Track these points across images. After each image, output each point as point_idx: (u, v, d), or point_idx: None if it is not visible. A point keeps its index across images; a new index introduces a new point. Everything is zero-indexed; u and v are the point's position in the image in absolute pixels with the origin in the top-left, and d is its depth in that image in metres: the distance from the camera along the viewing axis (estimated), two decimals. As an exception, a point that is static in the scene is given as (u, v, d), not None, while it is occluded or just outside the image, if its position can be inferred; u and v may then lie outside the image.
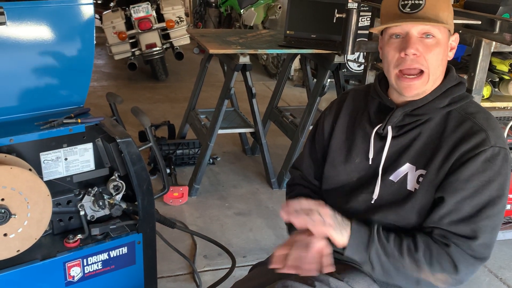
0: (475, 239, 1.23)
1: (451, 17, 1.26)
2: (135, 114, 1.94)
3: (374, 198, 1.35)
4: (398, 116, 1.31)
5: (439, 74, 1.30)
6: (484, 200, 1.23)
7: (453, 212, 1.24)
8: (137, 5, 5.17)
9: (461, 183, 1.23)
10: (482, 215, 1.23)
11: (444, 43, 1.26)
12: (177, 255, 2.46)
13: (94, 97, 4.90)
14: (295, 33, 3.39)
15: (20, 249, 1.64)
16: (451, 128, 1.27)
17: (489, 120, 1.27)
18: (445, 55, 1.28)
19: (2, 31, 1.66)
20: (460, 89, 1.31)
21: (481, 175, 1.22)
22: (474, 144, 1.23)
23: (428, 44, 1.24)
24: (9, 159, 1.64)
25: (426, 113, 1.30)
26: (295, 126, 3.55)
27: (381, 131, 1.34)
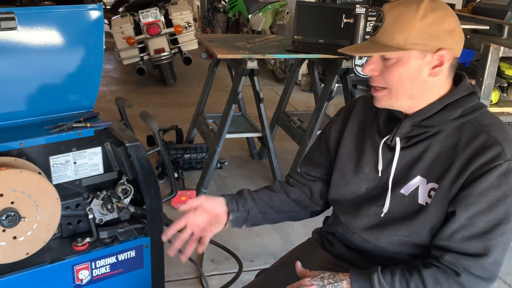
0: (487, 256, 1.20)
1: (417, 37, 1.19)
2: (143, 119, 1.96)
3: (384, 211, 1.33)
4: (406, 127, 1.28)
5: (415, 92, 1.25)
6: (498, 216, 1.20)
7: (465, 227, 1.21)
8: (146, 10, 5.21)
9: (475, 198, 1.20)
10: (496, 231, 1.20)
11: (408, 62, 1.21)
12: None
13: (103, 101, 4.93)
14: (302, 38, 3.40)
15: (29, 252, 1.65)
16: (465, 141, 1.23)
17: (504, 132, 1.23)
18: (415, 74, 1.22)
19: (13, 36, 1.67)
20: (472, 99, 1.27)
21: (496, 190, 1.19)
22: (489, 158, 1.19)
23: (387, 64, 1.24)
24: (19, 163, 1.66)
25: (436, 125, 1.26)
26: (303, 131, 3.55)
27: (389, 142, 1.32)
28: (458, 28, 1.23)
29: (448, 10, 1.22)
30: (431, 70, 1.22)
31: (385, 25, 1.22)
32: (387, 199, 1.32)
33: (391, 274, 1.24)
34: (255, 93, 3.33)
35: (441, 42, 1.20)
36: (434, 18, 1.19)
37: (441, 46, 1.20)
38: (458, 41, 1.23)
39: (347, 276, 1.27)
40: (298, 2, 3.44)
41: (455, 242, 1.22)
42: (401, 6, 1.22)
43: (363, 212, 1.37)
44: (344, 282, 1.25)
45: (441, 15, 1.19)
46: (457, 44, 1.23)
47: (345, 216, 1.44)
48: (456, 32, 1.22)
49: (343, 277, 1.27)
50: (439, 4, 1.21)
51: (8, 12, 1.64)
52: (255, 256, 2.73)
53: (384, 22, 1.22)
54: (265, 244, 2.86)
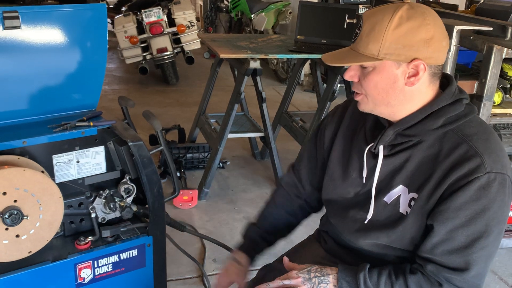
0: (468, 271, 1.20)
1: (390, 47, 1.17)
2: (146, 118, 1.96)
3: (368, 217, 1.34)
4: (389, 135, 1.27)
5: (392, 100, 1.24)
6: (478, 230, 1.18)
7: (445, 241, 1.21)
8: (149, 9, 5.21)
9: (453, 212, 1.18)
10: (477, 245, 1.19)
11: (383, 71, 1.21)
12: (187, 258, 2.47)
13: (106, 100, 4.93)
14: (305, 38, 3.40)
15: (32, 250, 1.65)
16: (446, 151, 1.22)
17: (487, 142, 1.20)
18: (390, 82, 1.21)
19: (17, 35, 1.68)
20: (456, 108, 1.24)
21: (475, 203, 1.17)
22: (468, 171, 1.17)
23: (365, 72, 1.23)
24: (22, 161, 1.66)
25: (417, 135, 1.25)
26: (305, 131, 3.55)
27: (373, 150, 1.32)
28: (437, 36, 1.19)
29: (426, 18, 1.18)
30: (407, 79, 1.20)
31: (362, 34, 1.21)
32: (371, 206, 1.33)
33: (377, 275, 1.26)
34: (257, 93, 3.33)
35: (415, 52, 1.17)
36: (409, 27, 1.16)
37: (416, 56, 1.18)
38: (437, 49, 1.20)
39: (334, 271, 1.29)
40: (301, 2, 3.44)
41: (436, 255, 1.22)
42: (378, 14, 1.20)
43: (350, 216, 1.39)
44: (330, 276, 1.28)
45: (417, 24, 1.16)
46: (436, 52, 1.20)
47: (334, 218, 1.47)
48: (434, 40, 1.18)
49: (330, 271, 1.29)
50: (417, 11, 1.18)
51: (12, 11, 1.65)
52: (257, 256, 2.73)
53: (361, 30, 1.22)
54: (267, 244, 2.86)
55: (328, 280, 1.28)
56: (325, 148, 1.50)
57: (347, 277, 1.27)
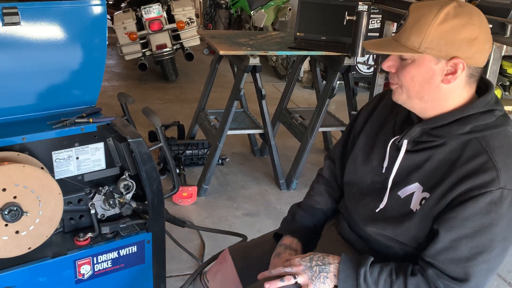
0: (467, 282, 1.20)
1: (432, 42, 1.18)
2: (146, 114, 1.96)
3: (380, 207, 1.35)
4: (416, 131, 1.28)
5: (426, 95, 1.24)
6: (483, 243, 1.18)
7: (449, 249, 1.21)
8: (148, 6, 5.20)
9: (460, 221, 1.18)
10: (479, 259, 1.19)
11: (422, 65, 1.22)
12: (186, 254, 2.48)
13: (105, 96, 4.93)
14: (305, 35, 3.40)
15: (32, 247, 1.66)
16: (465, 158, 1.21)
17: (509, 158, 1.19)
18: (427, 77, 1.22)
19: (16, 31, 1.68)
20: (486, 117, 1.22)
21: (483, 217, 1.16)
22: (482, 183, 1.16)
23: (403, 64, 1.25)
24: (21, 158, 1.67)
25: (443, 136, 1.25)
26: (304, 127, 3.55)
27: (397, 143, 1.33)
28: (481, 37, 1.18)
29: (472, 18, 1.17)
30: (444, 76, 1.21)
31: (406, 25, 1.22)
32: (385, 197, 1.34)
33: (378, 272, 1.27)
34: (257, 90, 3.33)
35: (457, 50, 1.17)
36: (454, 24, 1.16)
37: (457, 54, 1.18)
38: (479, 50, 1.19)
39: (336, 260, 1.31)
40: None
41: (438, 261, 1.23)
42: (424, 8, 1.20)
43: (363, 202, 1.41)
44: (331, 266, 1.30)
45: (464, 22, 1.16)
46: (478, 54, 1.19)
47: (349, 202, 1.49)
48: (478, 41, 1.17)
49: (332, 260, 1.31)
50: (465, 10, 1.18)
51: (12, 7, 1.64)
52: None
53: (406, 21, 1.23)
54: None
55: (328, 270, 1.30)
56: (356, 133, 1.53)
57: (348, 270, 1.29)
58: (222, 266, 1.64)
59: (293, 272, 1.32)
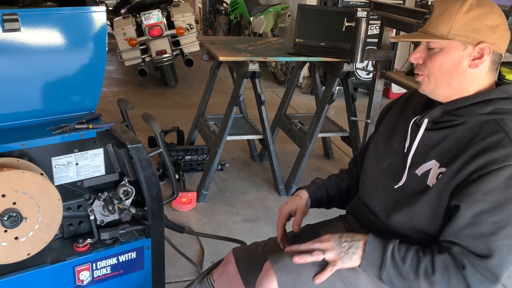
0: (490, 258, 1.22)
1: (460, 29, 1.27)
2: (145, 120, 1.97)
3: (399, 184, 1.39)
4: (437, 112, 1.35)
5: (453, 81, 1.31)
6: (505, 217, 1.21)
7: (471, 225, 1.23)
8: (148, 12, 5.22)
9: (481, 195, 1.21)
10: (501, 233, 1.21)
11: (450, 52, 1.30)
12: (185, 260, 2.47)
13: (104, 102, 4.94)
14: (304, 41, 3.41)
15: (31, 253, 1.65)
16: (483, 135, 1.26)
17: None
18: (455, 63, 1.30)
19: (16, 37, 1.68)
20: (507, 103, 1.29)
21: (504, 191, 1.20)
22: (500, 156, 1.21)
23: (431, 53, 1.33)
24: (21, 164, 1.67)
25: (463, 115, 1.31)
26: (304, 133, 3.56)
27: (418, 122, 1.40)
28: (502, 25, 1.28)
29: (493, 7, 1.28)
30: (471, 61, 1.29)
31: (432, 17, 1.31)
32: (404, 175, 1.39)
33: (405, 249, 1.30)
34: (256, 95, 3.34)
35: (482, 35, 1.27)
36: (478, 13, 1.26)
37: (482, 39, 1.27)
38: (501, 37, 1.29)
39: (365, 237, 1.35)
40: (300, 6, 3.45)
41: (460, 239, 1.26)
42: (449, 0, 1.29)
43: (380, 185, 1.46)
44: (361, 242, 1.35)
45: (486, 11, 1.26)
46: (500, 40, 1.29)
47: (364, 188, 1.54)
48: (500, 28, 1.28)
49: (361, 237, 1.36)
50: (485, 1, 1.28)
51: (12, 14, 1.65)
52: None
53: (432, 14, 1.31)
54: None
55: (358, 245, 1.35)
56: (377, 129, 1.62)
57: (376, 242, 1.33)
58: (227, 267, 1.69)
59: (322, 248, 1.36)
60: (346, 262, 1.34)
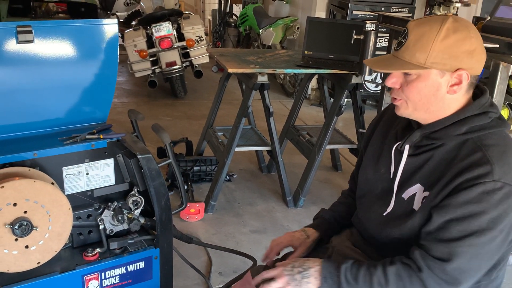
0: (449, 262, 1.25)
1: (437, 57, 1.25)
2: (155, 131, 1.98)
3: (388, 211, 1.42)
4: (416, 136, 1.36)
5: (432, 106, 1.31)
6: (472, 228, 1.23)
7: (439, 230, 1.27)
8: (159, 24, 5.27)
9: (452, 207, 1.25)
10: (466, 241, 1.24)
11: (428, 79, 1.28)
12: (193, 271, 2.47)
13: (115, 113, 4.97)
14: (313, 53, 3.43)
15: (41, 261, 1.67)
16: (461, 156, 1.27)
17: (503, 155, 1.25)
18: (433, 90, 1.29)
19: (30, 49, 1.71)
20: (481, 119, 1.30)
21: (475, 205, 1.22)
22: (476, 175, 1.22)
23: (408, 79, 1.32)
24: (32, 173, 1.69)
25: (441, 138, 1.32)
26: (312, 145, 3.57)
27: (399, 148, 1.40)
28: (479, 48, 1.27)
29: (470, 31, 1.26)
30: (450, 88, 1.29)
31: (408, 43, 1.28)
32: (392, 200, 1.41)
33: (357, 267, 1.33)
34: (265, 107, 3.35)
35: (460, 62, 1.25)
36: (455, 39, 1.24)
37: (460, 66, 1.26)
38: (478, 60, 1.28)
39: (317, 263, 1.38)
40: (309, 18, 3.48)
41: (426, 241, 1.29)
42: (424, 25, 1.27)
43: (373, 209, 1.48)
44: (312, 269, 1.37)
45: (463, 36, 1.24)
46: (477, 64, 1.28)
47: (361, 211, 1.56)
48: (476, 52, 1.26)
49: (312, 264, 1.38)
50: (462, 24, 1.26)
51: (26, 26, 1.68)
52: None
53: (407, 39, 1.29)
54: (273, 257, 2.86)
55: (309, 274, 1.36)
56: (364, 145, 1.62)
57: (330, 268, 1.35)
58: None
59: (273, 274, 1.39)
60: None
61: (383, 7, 5.45)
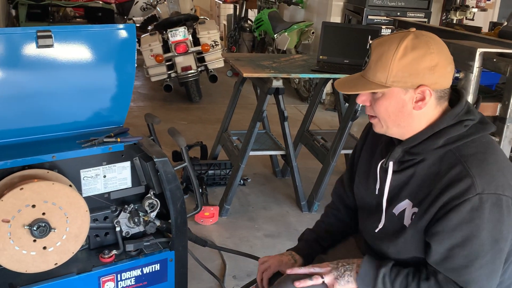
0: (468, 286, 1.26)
1: (397, 75, 1.25)
2: (171, 135, 2.00)
3: (379, 227, 1.43)
4: (398, 152, 1.36)
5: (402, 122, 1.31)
6: (475, 249, 1.23)
7: (446, 259, 1.27)
8: (174, 29, 5.32)
9: (448, 233, 1.24)
10: (476, 265, 1.24)
11: (392, 97, 1.29)
12: (207, 274, 2.49)
13: (131, 116, 4.99)
14: (328, 58, 3.43)
15: (58, 262, 1.69)
16: (443, 171, 1.27)
17: (483, 164, 1.24)
18: (399, 107, 1.29)
19: (49, 53, 1.75)
20: (456, 129, 1.29)
21: (468, 224, 1.22)
22: (459, 192, 1.22)
23: (375, 97, 1.33)
24: (51, 175, 1.72)
25: (421, 153, 1.32)
26: (326, 150, 3.56)
27: (384, 165, 1.40)
28: (442, 62, 1.25)
29: (430, 47, 1.24)
30: (415, 104, 1.28)
31: (370, 63, 1.30)
32: (382, 217, 1.42)
33: (396, 273, 1.34)
34: (279, 112, 3.36)
35: (421, 79, 1.25)
36: (414, 56, 1.24)
37: (421, 82, 1.25)
38: (442, 75, 1.27)
39: (360, 260, 1.40)
40: (324, 23, 3.49)
41: (442, 269, 1.29)
42: (384, 44, 1.27)
43: (367, 224, 1.50)
44: (355, 264, 1.40)
45: (422, 53, 1.23)
46: (441, 78, 1.27)
47: (360, 223, 1.58)
48: (438, 67, 1.25)
49: (356, 260, 1.41)
50: (421, 41, 1.25)
51: (46, 31, 1.71)
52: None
53: (370, 58, 1.30)
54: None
55: (352, 268, 1.39)
56: (355, 158, 1.62)
57: (369, 265, 1.37)
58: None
59: (321, 272, 1.41)
60: (343, 284, 1.38)
61: (398, 12, 5.43)
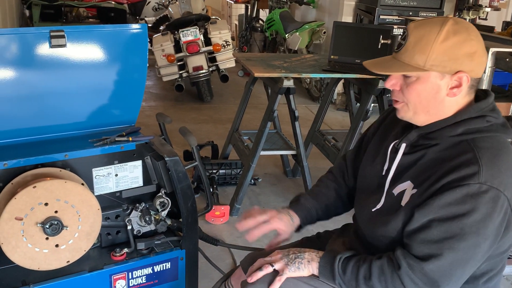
0: (428, 262, 1.23)
1: (437, 59, 1.23)
2: (182, 134, 2.01)
3: (377, 207, 1.41)
4: (414, 136, 1.35)
5: (432, 109, 1.30)
6: (453, 230, 1.21)
7: (421, 229, 1.26)
8: (186, 29, 5.34)
9: (436, 208, 1.23)
10: (446, 244, 1.22)
11: (427, 81, 1.27)
12: (218, 273, 2.49)
13: (142, 116, 5.01)
14: (339, 57, 3.42)
15: (70, 260, 1.71)
16: (453, 155, 1.26)
17: (495, 158, 1.23)
18: (433, 92, 1.28)
19: (62, 53, 1.76)
20: (477, 122, 1.28)
21: (458, 206, 1.20)
22: (463, 175, 1.21)
23: (407, 81, 1.30)
24: (63, 174, 1.74)
25: (436, 138, 1.31)
26: (337, 149, 3.56)
27: (397, 146, 1.40)
28: (479, 51, 1.26)
29: (470, 33, 1.24)
30: (449, 90, 1.27)
31: (407, 45, 1.28)
32: (383, 197, 1.40)
33: (347, 260, 1.35)
34: (290, 111, 3.36)
35: (460, 65, 1.24)
36: (455, 41, 1.23)
37: (460, 68, 1.24)
38: (479, 63, 1.26)
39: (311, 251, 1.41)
40: (336, 23, 3.48)
41: (409, 239, 1.28)
42: (424, 27, 1.26)
43: (366, 206, 1.47)
44: (306, 253, 1.41)
45: (463, 38, 1.23)
46: (477, 67, 1.27)
47: (356, 206, 1.57)
48: (477, 55, 1.25)
49: (307, 250, 1.42)
50: (462, 26, 1.24)
51: (59, 31, 1.73)
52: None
53: (407, 41, 1.28)
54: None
55: (303, 257, 1.40)
56: (366, 144, 1.61)
57: (327, 257, 1.38)
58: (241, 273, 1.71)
59: (271, 260, 1.42)
60: (293, 270, 1.39)
61: (410, 12, 5.40)
